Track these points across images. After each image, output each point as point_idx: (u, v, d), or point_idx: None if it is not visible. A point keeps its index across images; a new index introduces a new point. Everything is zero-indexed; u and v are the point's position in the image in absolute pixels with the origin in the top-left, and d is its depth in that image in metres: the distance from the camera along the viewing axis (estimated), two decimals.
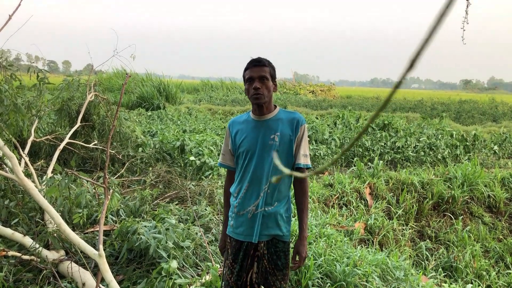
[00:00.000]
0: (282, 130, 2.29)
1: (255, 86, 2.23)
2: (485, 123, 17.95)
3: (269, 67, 2.30)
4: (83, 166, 6.57)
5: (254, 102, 2.29)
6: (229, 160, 2.48)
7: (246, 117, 2.42)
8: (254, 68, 2.27)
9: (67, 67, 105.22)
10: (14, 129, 4.04)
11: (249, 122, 2.37)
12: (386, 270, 3.83)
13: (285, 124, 2.31)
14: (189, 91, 30.70)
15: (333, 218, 5.33)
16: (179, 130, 10.08)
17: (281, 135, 2.28)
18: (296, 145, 2.32)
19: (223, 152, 2.52)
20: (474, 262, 5.10)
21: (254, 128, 2.33)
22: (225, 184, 2.58)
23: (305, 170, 2.36)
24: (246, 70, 2.31)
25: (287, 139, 2.29)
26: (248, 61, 2.33)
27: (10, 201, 4.06)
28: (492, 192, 6.84)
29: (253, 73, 2.26)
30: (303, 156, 2.31)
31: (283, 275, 2.35)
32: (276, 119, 2.32)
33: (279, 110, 2.38)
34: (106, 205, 2.90)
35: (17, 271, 3.29)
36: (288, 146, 2.29)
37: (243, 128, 2.38)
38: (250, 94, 2.27)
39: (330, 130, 11.25)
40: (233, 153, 2.44)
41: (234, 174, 2.48)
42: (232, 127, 2.44)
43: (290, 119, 2.32)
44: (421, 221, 6.31)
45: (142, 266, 3.47)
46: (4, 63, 4.30)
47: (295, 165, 2.33)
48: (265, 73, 2.26)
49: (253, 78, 2.25)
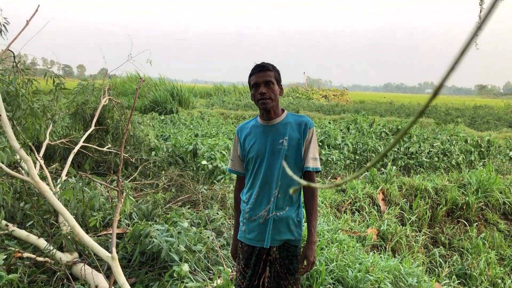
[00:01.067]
0: (291, 134, 2.29)
1: (261, 91, 2.24)
2: (501, 129, 17.69)
3: (274, 71, 2.31)
4: (96, 170, 6.64)
5: (261, 107, 2.29)
6: (238, 166, 2.49)
7: (254, 122, 2.42)
8: (259, 73, 2.27)
9: (81, 71, 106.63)
10: (31, 133, 4.11)
11: (257, 127, 2.38)
12: (399, 277, 3.80)
13: (293, 127, 2.31)
14: (202, 96, 30.87)
15: (345, 224, 5.30)
16: (192, 134, 10.14)
17: (289, 139, 2.28)
18: (304, 148, 2.31)
19: (232, 158, 2.52)
20: (489, 270, 5.02)
21: (263, 133, 2.34)
22: (235, 190, 2.59)
23: (314, 173, 2.36)
24: (251, 76, 2.31)
25: (295, 143, 2.29)
26: (253, 66, 2.34)
27: (26, 204, 4.12)
28: (508, 199, 6.73)
29: (258, 79, 2.26)
30: (312, 159, 2.30)
31: (295, 279, 2.35)
32: (284, 123, 2.33)
33: (287, 114, 2.38)
34: (119, 208, 2.93)
35: (32, 272, 3.33)
36: (296, 149, 2.29)
37: (251, 133, 2.38)
38: (257, 99, 2.28)
39: (342, 135, 11.20)
40: (242, 158, 2.45)
41: (244, 180, 2.48)
42: (240, 133, 2.45)
43: (298, 122, 2.33)
44: (435, 228, 6.24)
45: (154, 269, 3.49)
46: (22, 67, 4.39)
47: (304, 168, 2.33)
48: (270, 78, 2.26)
49: (259, 83, 2.26)
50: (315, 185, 0.61)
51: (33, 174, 2.94)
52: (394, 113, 22.80)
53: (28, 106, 3.70)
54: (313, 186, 0.55)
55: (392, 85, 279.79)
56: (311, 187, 2.36)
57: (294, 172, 2.31)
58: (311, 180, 2.35)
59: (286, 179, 2.28)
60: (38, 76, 4.85)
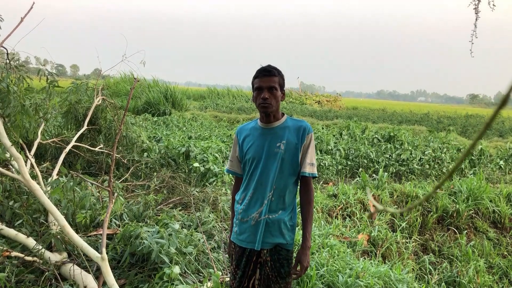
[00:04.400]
0: (289, 138, 2.29)
1: (264, 96, 2.24)
2: (492, 138, 17.87)
3: (279, 77, 2.31)
4: (88, 170, 6.59)
5: (261, 111, 2.30)
6: (236, 167, 2.50)
7: (254, 125, 2.43)
8: (263, 78, 2.27)
9: (75, 71, 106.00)
10: (20, 131, 4.06)
11: (256, 130, 2.39)
12: (389, 283, 3.81)
13: (292, 132, 2.31)
14: (195, 98, 30.81)
15: (336, 229, 5.30)
16: (185, 136, 10.11)
17: (287, 143, 2.29)
18: (302, 153, 2.32)
19: (230, 159, 2.54)
20: (478, 278, 5.05)
21: (261, 135, 2.34)
22: (233, 190, 2.61)
23: (311, 179, 2.36)
24: (256, 79, 2.31)
25: (292, 147, 2.29)
26: (258, 69, 2.34)
27: (15, 202, 4.08)
28: (497, 208, 6.78)
29: (262, 83, 2.26)
30: (309, 165, 2.30)
31: (286, 283, 2.34)
32: (283, 127, 2.33)
33: (286, 118, 2.38)
34: (110, 208, 2.91)
35: (20, 271, 3.29)
36: (293, 154, 2.29)
37: (250, 135, 2.39)
38: (258, 103, 2.28)
39: (335, 140, 11.23)
40: (240, 160, 2.46)
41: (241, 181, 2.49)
42: (240, 134, 2.46)
43: (297, 127, 2.33)
44: (425, 235, 6.27)
45: (144, 270, 3.46)
46: (15, 64, 4.34)
47: (300, 173, 2.32)
48: (274, 84, 2.26)
49: (262, 88, 2.26)
50: (391, 210, 0.59)
51: (23, 172, 2.91)
52: (387, 120, 22.95)
53: (19, 103, 3.67)
54: (390, 211, 0.54)
55: (385, 92, 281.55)
56: (303, 187, 2.36)
57: (288, 176, 2.31)
58: (308, 186, 2.36)
59: (282, 183, 2.29)
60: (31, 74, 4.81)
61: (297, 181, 2.37)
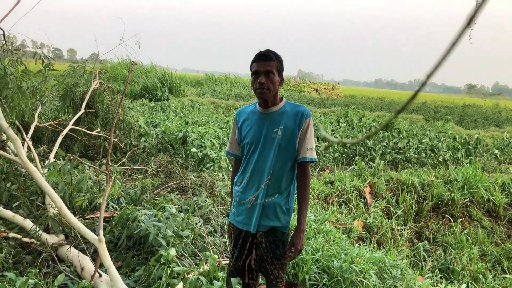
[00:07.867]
0: (286, 123, 2.29)
1: (260, 81, 2.23)
2: (488, 128, 17.93)
3: (277, 61, 2.28)
4: (85, 153, 6.58)
5: (258, 97, 2.30)
6: (235, 149, 2.52)
7: (253, 108, 2.43)
8: (260, 62, 2.25)
9: (72, 55, 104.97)
10: (17, 112, 4.04)
11: (254, 114, 2.39)
12: (383, 268, 3.85)
13: (290, 117, 2.30)
14: (193, 84, 30.63)
15: (332, 215, 5.34)
16: (182, 122, 10.09)
17: (284, 128, 2.28)
18: (300, 138, 2.31)
19: (230, 141, 2.55)
20: (471, 265, 5.11)
21: (259, 120, 2.34)
22: (232, 172, 2.63)
23: (309, 164, 2.37)
24: (253, 63, 2.29)
25: (290, 133, 2.29)
26: (256, 53, 2.32)
27: (12, 184, 4.08)
28: (492, 196, 6.84)
29: (259, 67, 2.25)
30: (308, 150, 2.30)
31: (281, 264, 2.37)
32: (281, 112, 2.32)
33: (285, 103, 2.37)
34: (108, 190, 2.92)
35: (17, 253, 3.31)
36: (290, 140, 2.29)
37: (249, 119, 2.39)
38: (255, 87, 2.28)
39: (332, 128, 11.25)
40: (239, 142, 2.47)
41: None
42: (239, 117, 2.47)
43: (295, 112, 2.31)
44: (420, 222, 6.32)
45: (141, 253, 3.49)
46: (10, 47, 4.30)
47: (299, 159, 2.32)
48: (272, 68, 2.24)
49: (259, 72, 2.25)
50: (347, 141, 0.61)
51: (21, 154, 2.91)
52: (384, 108, 22.94)
53: (16, 84, 3.64)
54: (335, 141, 0.56)
55: (383, 81, 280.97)
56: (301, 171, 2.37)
57: (286, 162, 2.32)
58: (305, 171, 2.36)
59: (279, 168, 2.29)
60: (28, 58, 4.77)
61: (294, 165, 2.38)
